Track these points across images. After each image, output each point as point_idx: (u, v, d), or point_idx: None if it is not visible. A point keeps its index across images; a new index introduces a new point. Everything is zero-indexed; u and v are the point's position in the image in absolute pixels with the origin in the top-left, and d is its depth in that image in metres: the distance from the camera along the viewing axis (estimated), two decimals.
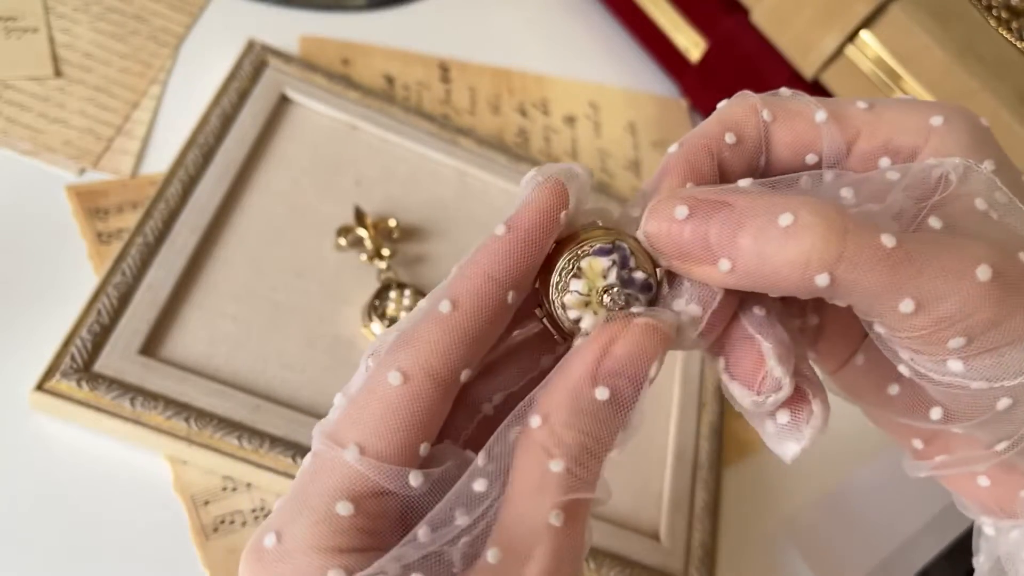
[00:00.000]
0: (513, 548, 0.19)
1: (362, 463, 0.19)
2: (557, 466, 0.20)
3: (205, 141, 0.44)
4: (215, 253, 0.42)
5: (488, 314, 0.21)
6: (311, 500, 0.20)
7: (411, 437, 0.20)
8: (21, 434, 0.36)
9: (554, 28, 0.63)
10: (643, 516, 0.43)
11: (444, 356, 0.20)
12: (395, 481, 0.20)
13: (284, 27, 0.53)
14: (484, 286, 0.21)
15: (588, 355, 0.20)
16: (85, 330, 0.37)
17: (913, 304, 0.19)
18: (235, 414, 0.37)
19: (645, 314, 0.21)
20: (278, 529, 0.20)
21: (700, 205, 0.21)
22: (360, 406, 0.20)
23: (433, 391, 0.20)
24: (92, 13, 0.49)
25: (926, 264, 0.19)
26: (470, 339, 0.21)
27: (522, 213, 0.22)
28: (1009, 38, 0.48)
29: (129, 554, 0.35)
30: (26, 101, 0.44)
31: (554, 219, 0.22)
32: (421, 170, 0.50)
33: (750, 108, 0.23)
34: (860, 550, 0.46)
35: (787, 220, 0.19)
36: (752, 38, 0.55)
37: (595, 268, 0.22)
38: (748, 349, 0.22)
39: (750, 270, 0.20)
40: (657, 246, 0.21)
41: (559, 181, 0.22)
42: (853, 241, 0.19)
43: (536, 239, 0.21)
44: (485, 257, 0.21)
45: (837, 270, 0.19)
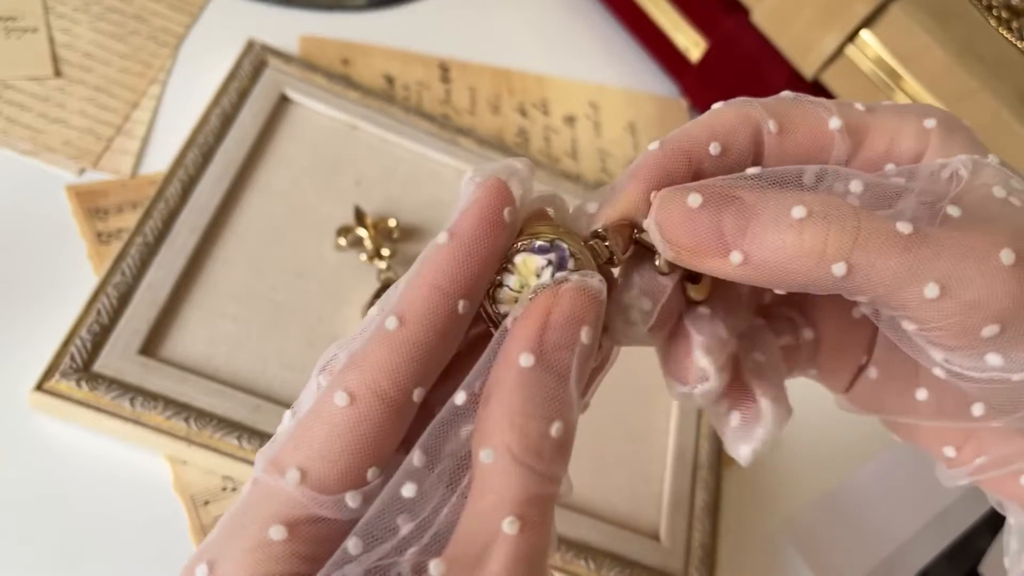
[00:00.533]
0: (458, 558, 0.18)
1: (299, 491, 0.18)
2: (508, 459, 0.18)
3: (205, 141, 0.44)
4: (215, 253, 0.42)
5: (438, 327, 0.20)
6: (245, 527, 0.19)
7: (357, 461, 0.19)
8: (21, 434, 0.36)
9: (554, 28, 0.63)
10: (643, 516, 0.43)
11: (392, 375, 0.19)
12: (332, 508, 0.19)
13: (284, 27, 0.53)
14: (430, 297, 0.20)
15: (527, 329, 0.19)
16: (85, 330, 0.37)
17: (938, 288, 0.19)
18: (235, 414, 0.37)
19: (570, 278, 0.20)
20: (210, 559, 0.18)
21: (713, 195, 0.20)
22: (305, 428, 0.19)
23: (382, 412, 0.19)
24: (92, 13, 0.49)
25: (944, 246, 0.19)
26: (420, 355, 0.20)
27: (463, 218, 0.20)
28: (1009, 38, 0.48)
29: (129, 554, 0.35)
30: (26, 101, 0.44)
31: (498, 220, 0.20)
32: (421, 170, 0.49)
33: (746, 120, 0.22)
34: (860, 550, 0.46)
35: (800, 212, 0.19)
36: (752, 38, 0.54)
37: (529, 266, 0.21)
38: (682, 342, 0.22)
39: (764, 261, 0.19)
40: (669, 236, 0.20)
41: (498, 180, 0.21)
42: (867, 228, 0.19)
43: (481, 243, 0.20)
44: (430, 268, 0.20)
45: (853, 257, 0.19)
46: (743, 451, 0.22)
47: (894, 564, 0.46)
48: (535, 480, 0.18)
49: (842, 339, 0.27)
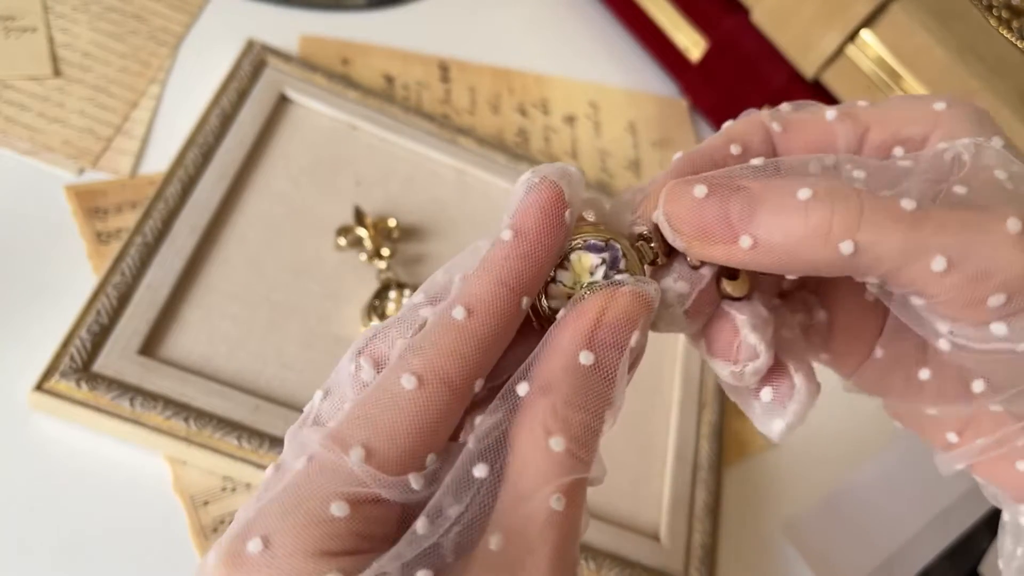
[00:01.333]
0: (516, 534, 0.19)
1: (363, 469, 0.19)
2: (558, 445, 0.19)
3: (204, 141, 0.44)
4: (214, 253, 0.42)
5: (503, 321, 0.21)
6: (303, 503, 0.18)
7: (420, 443, 0.19)
8: (20, 434, 0.36)
9: (554, 28, 0.63)
10: (643, 516, 0.43)
11: (460, 363, 0.20)
12: (396, 489, 0.19)
13: (284, 27, 0.53)
14: (497, 292, 0.20)
15: (581, 325, 0.20)
16: (84, 330, 0.37)
17: (945, 261, 0.19)
18: (234, 414, 0.37)
19: (628, 282, 0.21)
20: (264, 533, 0.18)
21: (718, 185, 0.21)
22: (369, 407, 0.19)
23: (447, 398, 0.20)
24: (91, 12, 0.49)
25: (949, 220, 0.19)
26: (485, 346, 0.20)
27: (527, 215, 0.21)
28: (1009, 38, 0.48)
29: (129, 554, 0.35)
30: (25, 101, 0.44)
31: (560, 219, 0.21)
32: (421, 170, 0.49)
33: (756, 123, 0.24)
34: (860, 550, 0.46)
35: (805, 194, 0.20)
36: (752, 38, 0.54)
37: (584, 263, 0.22)
38: (724, 324, 0.23)
39: (773, 244, 0.20)
40: (677, 226, 0.21)
41: (555, 182, 0.21)
42: (871, 206, 0.19)
43: (545, 242, 0.21)
44: (496, 263, 0.21)
45: (859, 235, 0.19)
46: (776, 426, 0.23)
47: (894, 564, 0.46)
48: (576, 465, 0.19)
49: (854, 323, 0.27)
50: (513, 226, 0.21)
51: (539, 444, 0.19)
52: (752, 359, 0.22)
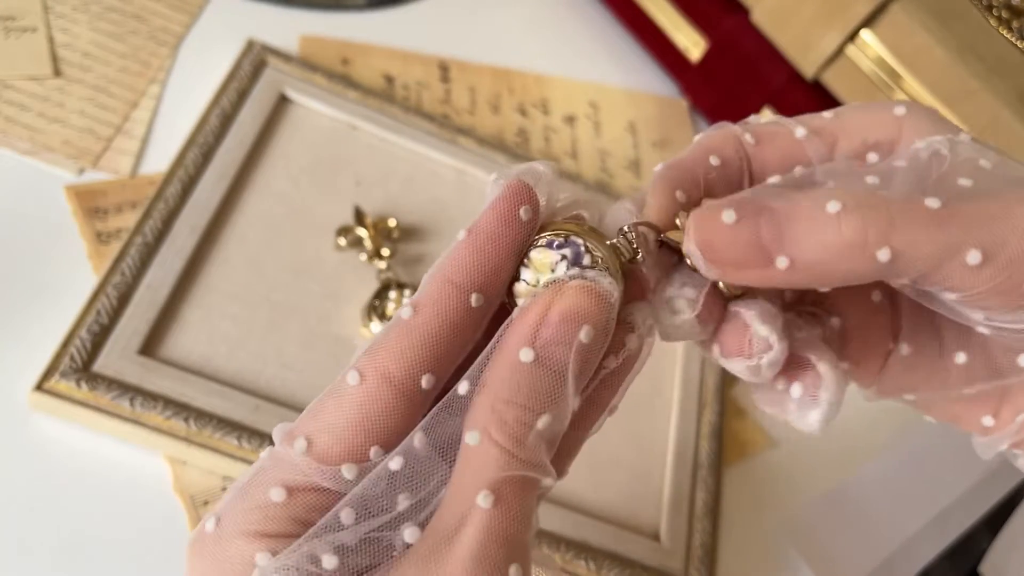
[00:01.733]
0: (442, 529, 0.19)
1: (302, 459, 0.20)
2: (490, 440, 0.19)
3: (204, 141, 0.44)
4: (215, 253, 0.42)
5: (448, 318, 0.21)
6: (251, 489, 0.20)
7: (360, 437, 0.20)
8: (20, 434, 0.36)
9: (554, 28, 0.63)
10: (643, 516, 0.43)
11: (399, 359, 0.20)
12: (329, 478, 0.20)
13: (284, 27, 0.53)
14: (443, 290, 0.21)
15: (525, 322, 0.20)
16: (84, 330, 0.37)
17: (980, 254, 0.20)
18: (234, 414, 0.37)
19: (578, 277, 0.21)
20: (217, 514, 0.20)
21: (745, 208, 0.20)
22: (319, 404, 0.21)
23: (388, 392, 0.20)
24: (91, 13, 0.49)
25: (976, 215, 0.20)
26: (429, 343, 0.20)
27: (481, 216, 0.22)
28: (1009, 38, 0.48)
29: (129, 554, 0.35)
30: (25, 101, 0.44)
31: (513, 217, 0.21)
32: (421, 170, 0.49)
33: (729, 135, 0.24)
34: (860, 550, 0.46)
35: (835, 207, 0.20)
36: (752, 38, 0.54)
37: (543, 260, 0.22)
38: (734, 323, 0.23)
39: (810, 262, 0.20)
40: (712, 257, 0.21)
41: (519, 181, 0.22)
42: (899, 211, 0.20)
43: (495, 239, 0.21)
44: (447, 262, 0.21)
45: (893, 240, 0.19)
46: (813, 418, 0.23)
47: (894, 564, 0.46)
48: (513, 463, 0.19)
49: (867, 326, 0.27)
50: (469, 226, 0.22)
51: (475, 435, 0.19)
52: (766, 350, 0.22)
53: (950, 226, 0.20)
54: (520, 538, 0.19)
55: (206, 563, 0.20)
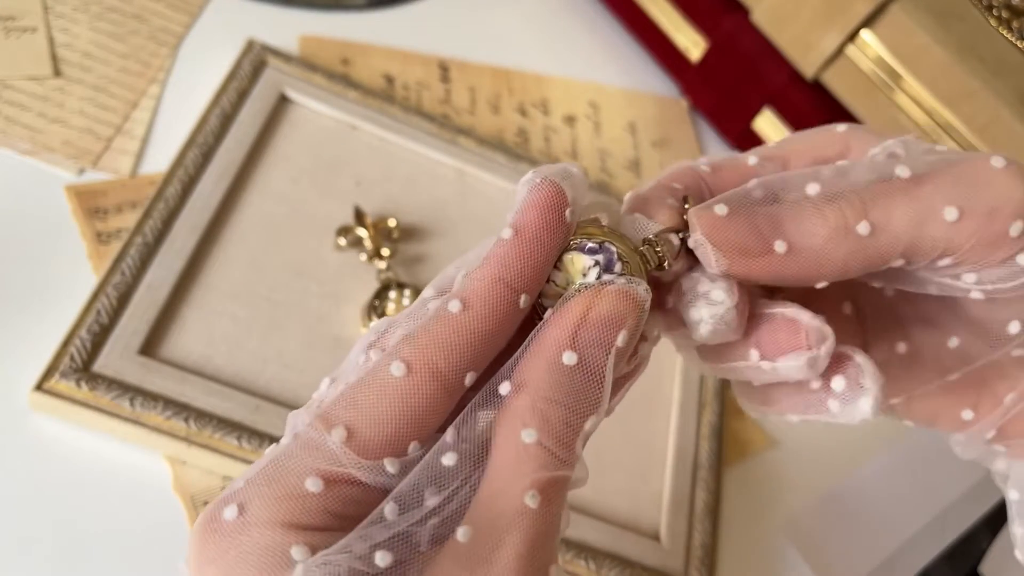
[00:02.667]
0: (486, 528, 0.18)
1: (341, 449, 0.19)
2: (534, 440, 0.19)
3: (204, 141, 0.44)
4: (215, 253, 0.42)
5: (498, 317, 0.21)
6: (281, 476, 0.19)
7: (403, 430, 0.19)
8: (20, 434, 0.36)
9: (554, 28, 0.63)
10: (643, 516, 0.43)
11: (449, 354, 0.20)
12: (370, 472, 0.19)
13: (284, 27, 0.53)
14: (494, 288, 0.21)
15: (565, 324, 0.20)
16: (84, 330, 0.37)
17: (956, 210, 0.21)
18: (235, 414, 0.37)
19: (615, 282, 0.21)
20: (241, 501, 0.19)
21: (734, 202, 0.22)
22: (357, 390, 0.20)
23: (434, 387, 0.20)
24: (91, 13, 0.49)
25: (943, 176, 0.21)
26: (478, 341, 0.20)
27: (526, 214, 0.21)
28: (1009, 38, 0.48)
29: (129, 554, 0.35)
30: (25, 101, 0.44)
31: (560, 219, 0.21)
32: (421, 170, 0.49)
33: (685, 168, 0.25)
34: (860, 550, 0.46)
35: (814, 189, 0.22)
36: (752, 38, 0.54)
37: (576, 264, 0.22)
38: (775, 323, 0.23)
39: (804, 248, 0.21)
40: (718, 242, 0.22)
41: (555, 182, 0.22)
42: (870, 189, 0.21)
43: (544, 240, 0.21)
44: (496, 260, 0.21)
45: (871, 215, 0.21)
46: (864, 405, 0.22)
47: (894, 564, 0.46)
48: (556, 463, 0.19)
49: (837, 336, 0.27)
50: (513, 224, 0.21)
51: (515, 439, 0.19)
52: (822, 340, 0.22)
53: (921, 189, 0.21)
54: (556, 534, 0.20)
55: (226, 554, 0.18)
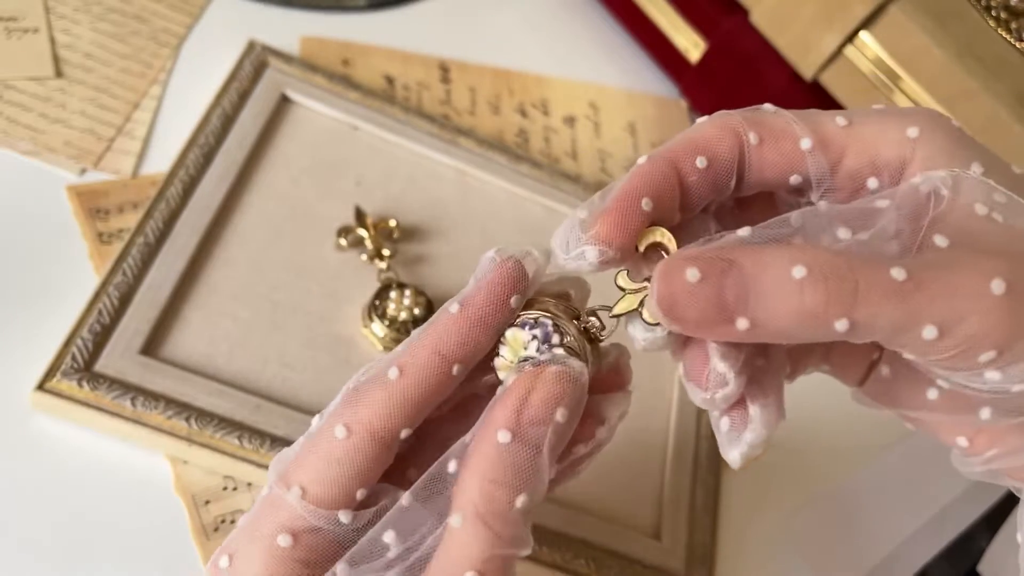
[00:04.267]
0: None
1: (302, 506, 0.22)
2: (476, 521, 0.21)
3: (206, 141, 0.44)
4: (216, 253, 0.42)
5: (432, 385, 0.23)
6: (260, 530, 0.22)
7: (349, 485, 0.22)
8: (22, 434, 0.36)
9: (554, 28, 0.63)
10: (643, 516, 0.43)
11: (385, 418, 0.23)
12: (327, 522, 0.22)
13: (284, 27, 0.53)
14: (430, 359, 0.23)
15: (507, 407, 0.22)
16: (86, 330, 0.37)
17: (936, 330, 0.19)
18: (236, 414, 0.37)
19: (556, 362, 0.22)
20: (231, 553, 0.23)
21: (710, 265, 0.20)
22: (308, 452, 0.23)
23: (372, 447, 0.23)
24: (93, 13, 0.49)
25: (939, 289, 0.19)
26: (411, 405, 0.23)
27: (477, 293, 0.23)
28: (1008, 39, 0.48)
29: (129, 554, 0.35)
30: (27, 101, 0.44)
31: (505, 302, 0.23)
32: (421, 170, 0.50)
33: (727, 129, 0.23)
34: (860, 550, 0.46)
35: (800, 272, 0.19)
36: (752, 38, 0.55)
37: (518, 339, 0.24)
38: (698, 350, 0.23)
39: (769, 326, 0.20)
40: (672, 314, 0.20)
41: (515, 265, 0.23)
42: (864, 281, 0.19)
43: (486, 320, 0.23)
44: (436, 331, 0.23)
45: (854, 314, 0.19)
46: (732, 456, 0.24)
47: (893, 563, 0.46)
48: (497, 542, 0.21)
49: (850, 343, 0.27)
50: (463, 300, 0.23)
51: (459, 518, 0.21)
52: (721, 386, 0.22)
53: (912, 300, 0.19)
54: None
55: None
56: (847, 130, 0.23)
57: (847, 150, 0.23)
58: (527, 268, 0.23)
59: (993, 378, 0.20)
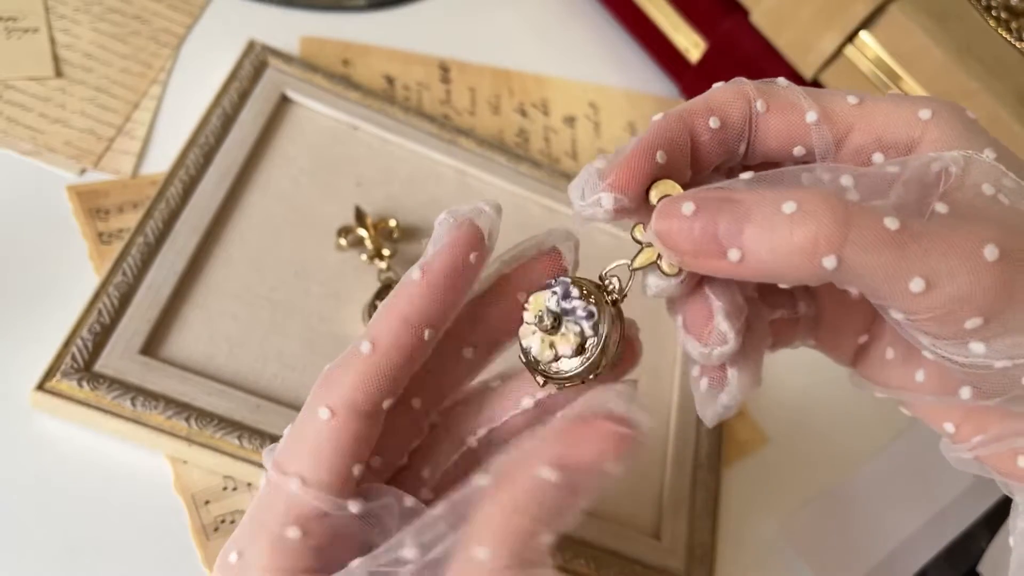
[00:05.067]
0: None
1: (306, 492, 0.22)
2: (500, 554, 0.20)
3: (206, 141, 0.44)
4: (216, 253, 0.42)
5: (404, 352, 0.23)
6: (267, 524, 0.23)
7: (342, 462, 0.23)
8: (22, 434, 0.36)
9: (554, 28, 0.63)
10: (643, 515, 0.43)
11: (365, 392, 0.23)
12: (332, 507, 0.23)
13: (284, 27, 0.53)
14: (400, 328, 0.23)
15: (560, 445, 0.21)
16: (86, 330, 0.37)
17: (923, 283, 0.19)
18: (236, 414, 0.37)
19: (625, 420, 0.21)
20: (239, 548, 0.23)
21: (706, 201, 0.21)
22: (296, 439, 0.23)
23: (358, 422, 0.23)
24: (93, 13, 0.49)
25: (932, 243, 0.19)
26: (389, 376, 0.23)
27: (435, 257, 0.24)
28: (1008, 38, 0.48)
29: (129, 554, 0.35)
30: (27, 101, 0.44)
31: (465, 262, 0.24)
32: (421, 170, 0.50)
33: (740, 95, 0.24)
34: (860, 550, 0.46)
35: (791, 207, 0.20)
36: (752, 38, 0.55)
37: (538, 301, 0.24)
38: (701, 305, 0.23)
39: (760, 259, 0.20)
40: (668, 243, 0.21)
41: (470, 225, 0.24)
42: (857, 223, 0.19)
43: (448, 281, 0.24)
44: (401, 300, 0.24)
45: (844, 251, 0.19)
46: (708, 414, 0.24)
47: (893, 564, 0.46)
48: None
49: (841, 316, 0.28)
50: (423, 265, 0.24)
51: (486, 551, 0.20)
52: (721, 343, 0.23)
53: (903, 250, 0.19)
54: None
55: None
56: (857, 108, 0.24)
57: (854, 127, 0.24)
58: (482, 225, 0.24)
59: (977, 350, 0.20)
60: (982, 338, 0.20)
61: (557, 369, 0.24)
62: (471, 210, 0.24)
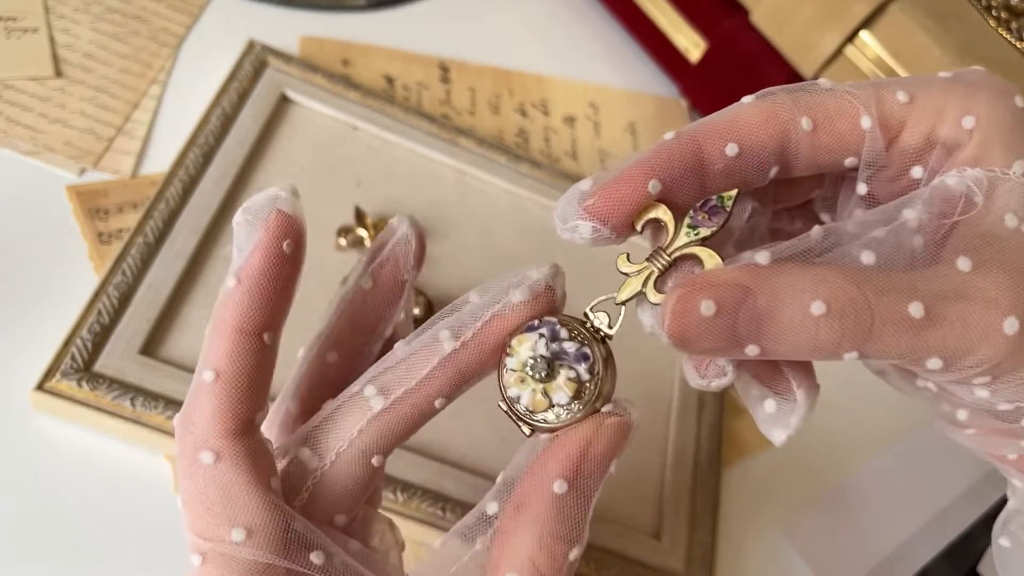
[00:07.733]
0: None
1: (254, 553, 0.20)
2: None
3: (205, 141, 0.44)
4: (215, 253, 0.42)
5: (251, 364, 0.21)
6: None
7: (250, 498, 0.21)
8: (22, 434, 0.36)
9: (554, 28, 0.63)
10: (643, 516, 0.43)
11: (222, 422, 0.21)
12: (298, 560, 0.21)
13: (284, 27, 0.53)
14: (236, 341, 0.21)
15: (566, 457, 0.21)
16: (86, 330, 0.37)
17: (941, 362, 0.19)
18: None
19: (614, 412, 0.21)
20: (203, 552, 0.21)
21: (725, 298, 0.19)
22: (196, 499, 0.21)
23: (238, 444, 0.21)
24: (92, 13, 0.49)
25: (952, 326, 0.19)
26: (243, 393, 0.21)
27: (248, 260, 0.22)
28: (1009, 38, 0.48)
29: (129, 554, 0.35)
30: (27, 101, 0.44)
31: (279, 255, 0.22)
32: (421, 170, 0.50)
33: (771, 116, 0.22)
34: (860, 550, 0.46)
35: (819, 309, 0.19)
36: (752, 38, 0.55)
37: (523, 343, 0.21)
38: None
39: (777, 352, 0.20)
40: (684, 347, 0.20)
41: (278, 216, 0.22)
42: (880, 317, 0.19)
43: (268, 280, 0.22)
44: (228, 312, 0.22)
45: (865, 348, 0.19)
46: (778, 436, 0.23)
47: (893, 564, 0.46)
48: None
49: None
50: (236, 273, 0.22)
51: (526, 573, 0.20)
52: (719, 377, 0.22)
53: (924, 336, 0.19)
54: None
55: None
56: (907, 107, 0.22)
57: (907, 124, 0.22)
58: (285, 209, 0.22)
59: (981, 395, 0.21)
60: (989, 388, 0.20)
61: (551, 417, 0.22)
62: (266, 201, 0.22)
